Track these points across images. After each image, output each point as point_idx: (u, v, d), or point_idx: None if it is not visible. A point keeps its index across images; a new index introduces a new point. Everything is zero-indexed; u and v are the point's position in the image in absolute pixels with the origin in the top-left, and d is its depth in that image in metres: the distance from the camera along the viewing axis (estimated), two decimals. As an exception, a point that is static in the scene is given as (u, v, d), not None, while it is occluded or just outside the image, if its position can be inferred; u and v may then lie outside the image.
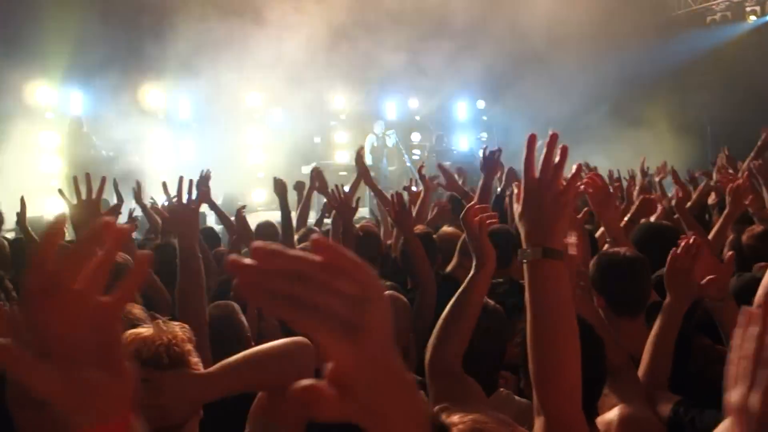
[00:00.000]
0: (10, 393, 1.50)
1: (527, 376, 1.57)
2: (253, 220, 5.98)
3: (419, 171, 5.69)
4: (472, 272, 2.29)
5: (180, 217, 2.66)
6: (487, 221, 2.34)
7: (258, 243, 0.67)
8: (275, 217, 6.71)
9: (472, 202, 2.59)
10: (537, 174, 1.40)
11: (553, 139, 1.39)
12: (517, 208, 1.43)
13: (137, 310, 2.33)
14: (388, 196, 4.51)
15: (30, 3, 11.73)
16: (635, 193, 5.25)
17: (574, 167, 1.47)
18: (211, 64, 12.89)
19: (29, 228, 4.99)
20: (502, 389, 2.44)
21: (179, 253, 2.61)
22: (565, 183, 1.41)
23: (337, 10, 12.65)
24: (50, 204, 10.98)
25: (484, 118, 17.24)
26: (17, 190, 11.45)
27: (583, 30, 13.53)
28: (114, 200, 6.85)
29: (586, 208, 3.21)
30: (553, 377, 1.38)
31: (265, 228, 5.52)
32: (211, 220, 9.31)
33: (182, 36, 12.17)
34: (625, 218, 3.89)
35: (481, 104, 17.28)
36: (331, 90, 15.54)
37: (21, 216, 5.08)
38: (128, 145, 12.54)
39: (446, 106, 16.93)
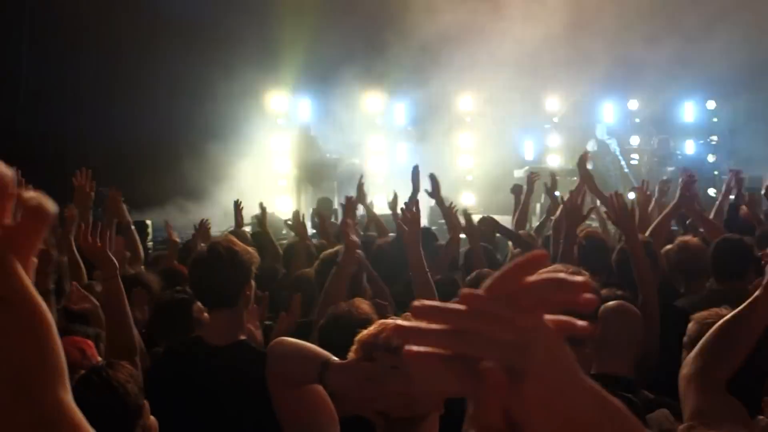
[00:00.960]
0: (270, 374, 1.64)
1: None
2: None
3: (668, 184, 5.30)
4: (759, 292, 2.09)
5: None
6: None
7: (416, 303, 0.69)
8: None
9: None
10: None
11: None
12: None
13: (365, 305, 2.48)
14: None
15: (271, 19, 12.96)
16: None
17: None
18: (427, 72, 13.27)
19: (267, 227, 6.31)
20: (761, 417, 2.21)
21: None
22: None
23: (554, 8, 12.36)
24: (280, 202, 12.04)
25: (715, 119, 15.74)
26: (253, 188, 12.80)
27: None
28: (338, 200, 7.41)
29: None
30: None
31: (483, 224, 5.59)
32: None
33: (401, 47, 12.66)
34: None
35: (711, 105, 15.79)
36: (544, 91, 15.22)
37: (262, 218, 6.36)
38: (349, 149, 13.37)
39: (670, 107, 15.74)
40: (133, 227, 5.46)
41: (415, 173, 5.24)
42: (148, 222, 9.16)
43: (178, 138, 12.67)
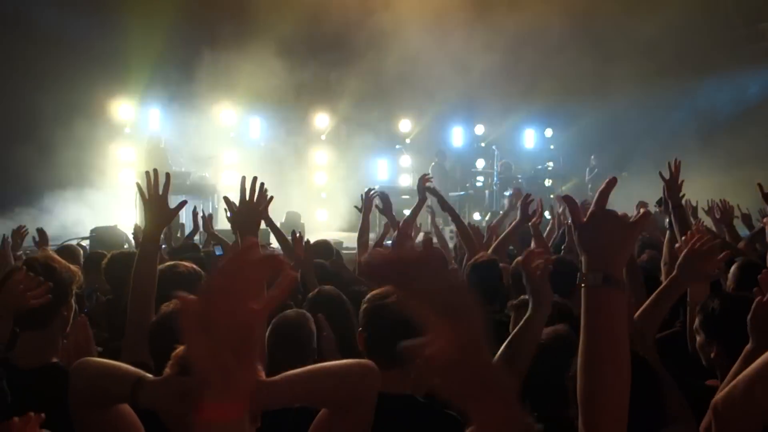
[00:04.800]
0: (74, 396, 1.53)
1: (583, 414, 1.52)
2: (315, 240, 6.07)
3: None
4: (529, 312, 2.37)
5: (245, 215, 2.77)
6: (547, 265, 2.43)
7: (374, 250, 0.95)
8: (333, 237, 6.83)
9: (533, 249, 2.65)
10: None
11: (611, 184, 1.43)
12: (579, 233, 1.42)
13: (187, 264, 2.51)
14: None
15: (116, 26, 12.35)
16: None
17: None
18: (282, 88, 13.21)
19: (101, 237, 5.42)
20: None
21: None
22: (636, 218, 1.41)
23: (407, 35, 12.80)
24: (122, 216, 11.43)
25: (552, 146, 17.02)
26: (95, 200, 12.01)
27: (649, 54, 13.35)
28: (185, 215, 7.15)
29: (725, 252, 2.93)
30: (600, 403, 1.36)
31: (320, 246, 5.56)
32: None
33: (255, 61, 12.53)
34: None
35: (548, 132, 17.09)
36: (398, 114, 15.70)
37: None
38: (202, 162, 12.97)
39: (513, 133, 16.84)
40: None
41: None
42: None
43: (16, 144, 11.69)
